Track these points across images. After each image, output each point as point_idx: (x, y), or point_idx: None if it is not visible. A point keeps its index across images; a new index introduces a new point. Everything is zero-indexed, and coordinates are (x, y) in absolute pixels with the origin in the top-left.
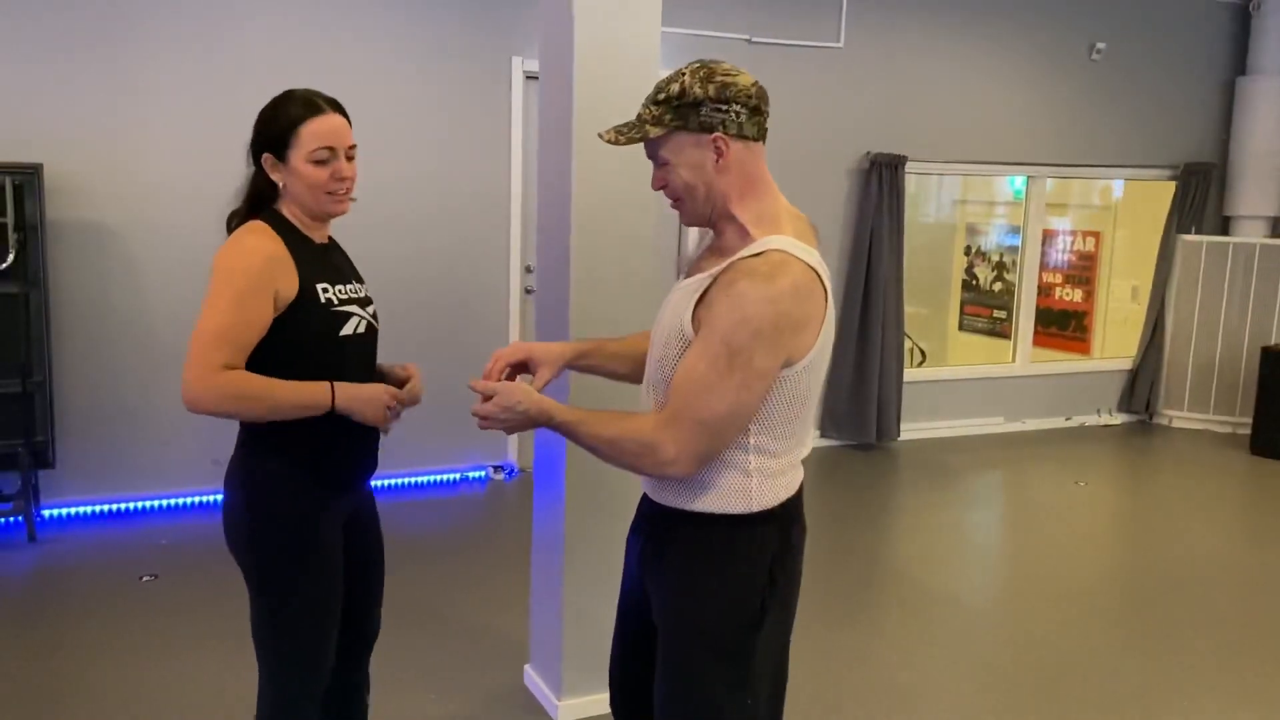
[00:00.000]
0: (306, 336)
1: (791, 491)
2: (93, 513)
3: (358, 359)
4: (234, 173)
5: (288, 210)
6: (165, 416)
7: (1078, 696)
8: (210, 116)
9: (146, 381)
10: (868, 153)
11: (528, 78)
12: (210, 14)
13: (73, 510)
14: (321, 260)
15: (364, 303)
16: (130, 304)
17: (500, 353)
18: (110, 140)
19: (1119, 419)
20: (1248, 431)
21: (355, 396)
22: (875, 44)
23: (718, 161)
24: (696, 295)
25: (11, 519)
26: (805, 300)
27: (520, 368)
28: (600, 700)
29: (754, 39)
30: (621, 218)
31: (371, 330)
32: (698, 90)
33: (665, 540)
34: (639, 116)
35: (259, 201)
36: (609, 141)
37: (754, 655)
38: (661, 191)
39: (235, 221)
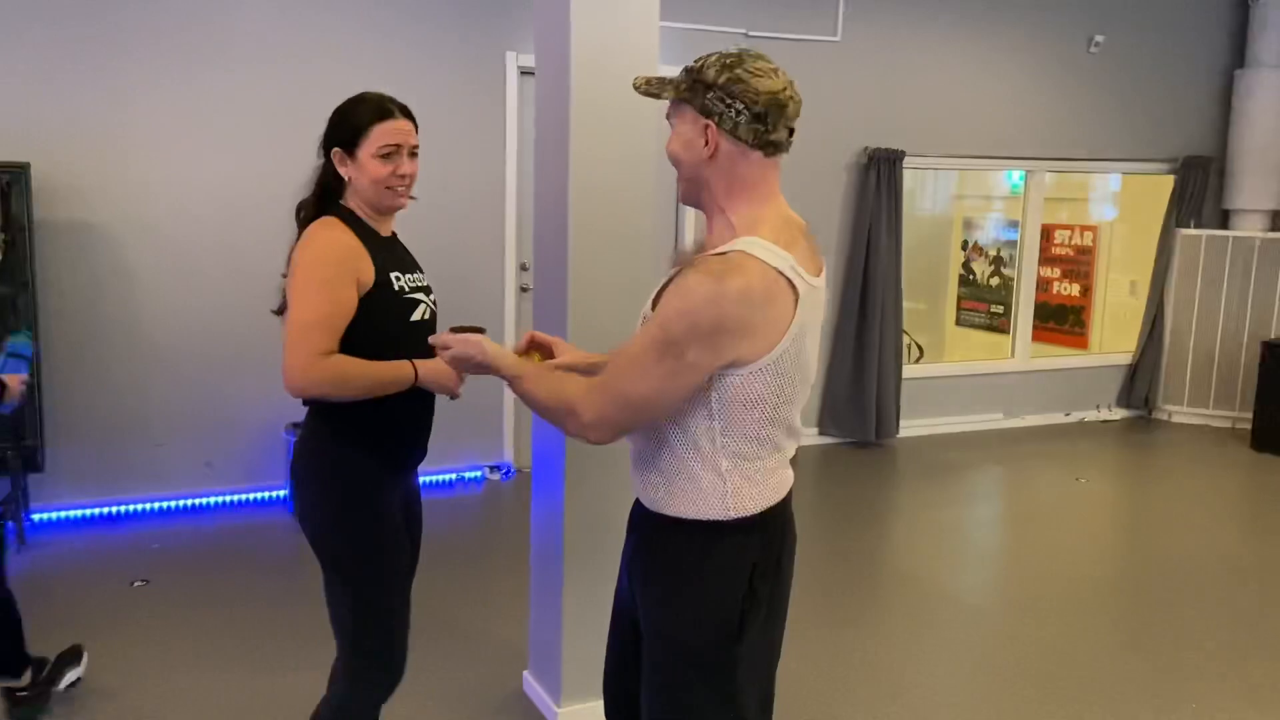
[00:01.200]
0: (384, 322)
1: (777, 498)
2: (83, 516)
3: (424, 343)
4: (225, 171)
5: (354, 205)
6: (157, 418)
7: (1081, 696)
8: (200, 114)
9: (138, 383)
10: (866, 148)
11: (522, 73)
12: (199, 10)
13: (63, 514)
14: (389, 251)
15: (427, 291)
16: (121, 305)
17: (533, 332)
18: (100, 139)
19: (1118, 414)
20: (1248, 426)
21: (431, 370)
22: (872, 38)
23: (705, 146)
24: (655, 289)
25: (1, 523)
26: (756, 305)
27: (545, 349)
28: (601, 707)
29: (751, 33)
30: (619, 215)
31: (433, 317)
32: (712, 74)
33: (648, 546)
34: (671, 77)
35: (325, 193)
36: (636, 87)
37: (736, 666)
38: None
39: (303, 211)
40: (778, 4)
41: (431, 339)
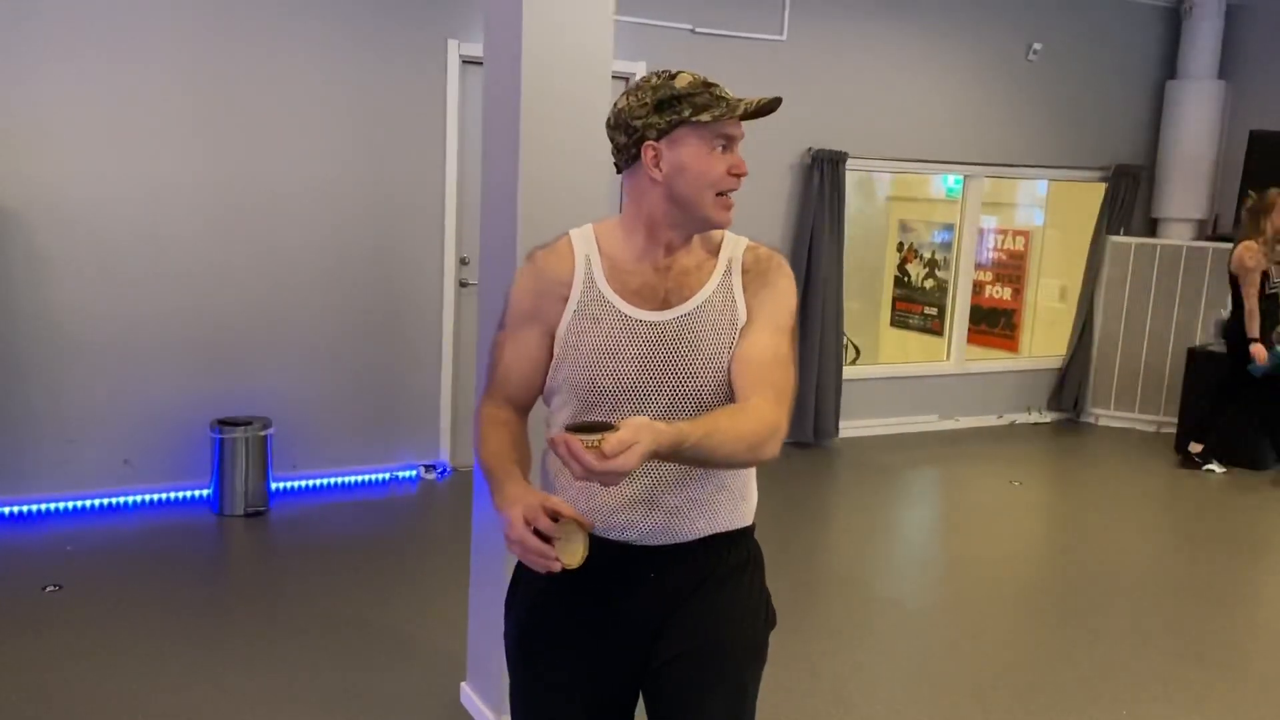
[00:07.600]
0: None
1: None
2: None
3: None
4: (149, 159)
5: None
6: (72, 413)
7: (1020, 702)
8: (123, 101)
9: (52, 377)
10: (809, 148)
11: (465, 62)
12: None
13: None
14: None
15: None
16: (32, 293)
17: (532, 515)
18: (11, 120)
19: (1048, 417)
20: (1173, 431)
21: None
22: (817, 38)
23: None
24: (734, 293)
25: None
26: None
27: (550, 514)
28: None
29: (697, 29)
30: (570, 211)
31: None
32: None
33: (717, 568)
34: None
35: None
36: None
37: None
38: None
39: None
40: (724, 1)
41: (609, 446)
